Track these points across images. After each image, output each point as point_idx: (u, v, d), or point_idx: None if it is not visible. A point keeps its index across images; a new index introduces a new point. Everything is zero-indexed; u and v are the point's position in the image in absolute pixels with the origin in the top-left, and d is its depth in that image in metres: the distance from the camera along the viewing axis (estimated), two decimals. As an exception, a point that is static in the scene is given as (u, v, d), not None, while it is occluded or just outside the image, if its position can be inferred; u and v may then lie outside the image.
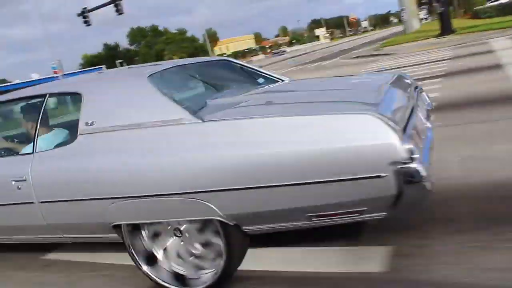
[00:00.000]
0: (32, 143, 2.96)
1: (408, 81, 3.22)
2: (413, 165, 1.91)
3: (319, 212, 2.17)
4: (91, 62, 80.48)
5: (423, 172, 1.92)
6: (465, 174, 3.60)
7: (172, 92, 2.73)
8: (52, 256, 3.65)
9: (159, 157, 2.36)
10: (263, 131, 2.17)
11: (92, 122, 2.61)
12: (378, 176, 1.92)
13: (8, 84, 50.53)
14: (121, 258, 2.96)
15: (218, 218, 2.28)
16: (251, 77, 3.80)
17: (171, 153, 2.34)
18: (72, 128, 2.86)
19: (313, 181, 2.04)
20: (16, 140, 3.57)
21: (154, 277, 2.61)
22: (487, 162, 3.78)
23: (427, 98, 3.29)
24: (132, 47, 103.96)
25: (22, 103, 3.43)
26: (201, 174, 2.23)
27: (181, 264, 2.59)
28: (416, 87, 3.16)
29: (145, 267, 2.62)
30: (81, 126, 2.64)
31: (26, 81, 49.94)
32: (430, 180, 2.00)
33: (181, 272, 2.58)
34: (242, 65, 4.01)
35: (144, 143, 2.43)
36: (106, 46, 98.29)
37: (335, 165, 2.00)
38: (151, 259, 2.62)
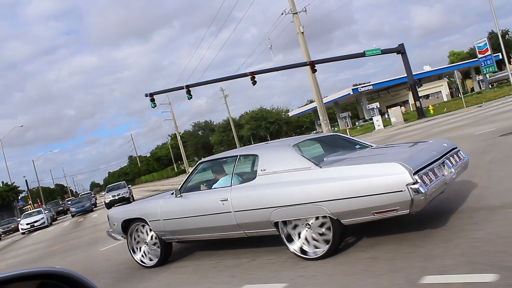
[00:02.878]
0: (231, 180, 5.37)
1: (446, 145, 5.24)
2: (415, 185, 3.95)
3: (377, 210, 4.19)
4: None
5: (422, 190, 3.96)
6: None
7: (305, 154, 5.14)
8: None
9: (299, 185, 4.62)
10: (345, 172, 4.39)
11: (265, 169, 5.02)
12: (401, 190, 3.99)
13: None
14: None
15: (328, 215, 4.46)
16: (351, 144, 5.95)
17: (305, 183, 4.58)
18: (253, 172, 5.33)
19: (373, 193, 4.12)
20: (216, 180, 5.84)
21: (282, 237, 4.88)
22: None
23: (462, 154, 5.43)
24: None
25: (228, 158, 6.03)
26: (319, 192, 4.45)
27: (306, 244, 4.76)
28: (453, 149, 5.27)
29: (282, 232, 4.89)
30: (258, 171, 5.07)
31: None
32: (428, 194, 4.05)
33: (305, 248, 4.76)
34: (346, 136, 6.43)
35: (291, 178, 4.72)
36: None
37: (384, 185, 4.08)
38: (290, 239, 4.87)
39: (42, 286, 1.41)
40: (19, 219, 35.89)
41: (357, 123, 59.33)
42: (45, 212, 32.88)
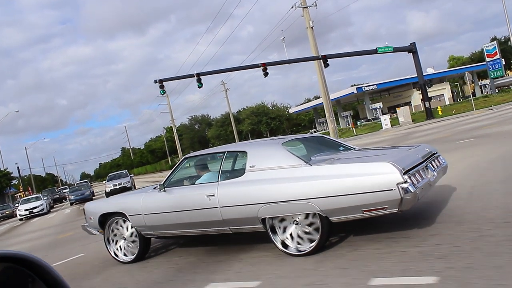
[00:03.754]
0: (217, 176, 5.32)
1: (427, 149, 5.32)
2: (405, 185, 4.00)
3: (366, 208, 4.21)
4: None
5: (412, 189, 4.01)
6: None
7: (294, 152, 5.10)
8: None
9: (289, 182, 4.60)
10: (336, 170, 4.47)
11: (254, 165, 4.98)
12: (391, 189, 4.03)
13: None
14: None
15: (318, 212, 4.44)
16: (335, 146, 6.10)
17: (295, 180, 4.57)
18: (241, 169, 5.24)
19: (363, 191, 4.16)
20: (201, 176, 5.84)
21: (269, 233, 4.85)
22: None
23: (442, 159, 5.51)
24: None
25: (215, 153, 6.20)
26: (310, 190, 4.43)
27: (289, 239, 4.74)
28: (434, 154, 5.37)
29: (270, 234, 4.85)
30: (247, 167, 5.03)
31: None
32: (417, 194, 4.10)
33: (287, 242, 4.76)
34: (330, 138, 6.54)
35: (281, 175, 4.71)
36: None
37: (375, 184, 4.11)
38: (274, 230, 4.84)
39: (2, 269, 1.36)
40: (16, 204, 34.86)
41: (358, 122, 58.66)
42: (44, 198, 31.84)
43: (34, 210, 29.18)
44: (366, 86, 55.63)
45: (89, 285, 5.75)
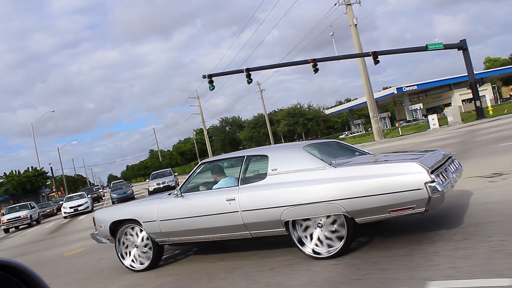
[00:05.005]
0: (237, 181, 5.35)
1: (444, 153, 5.35)
2: (433, 184, 4.05)
3: (393, 208, 4.24)
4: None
5: (440, 188, 4.07)
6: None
7: (316, 154, 5.13)
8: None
9: (313, 184, 4.61)
10: (359, 171, 4.52)
11: (276, 169, 4.99)
12: (419, 188, 4.07)
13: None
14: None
15: (343, 213, 4.47)
16: (351, 150, 6.05)
17: (319, 182, 4.59)
18: (263, 172, 5.24)
19: (390, 191, 4.20)
20: (218, 181, 5.77)
21: (293, 237, 4.86)
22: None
23: (457, 163, 5.57)
24: None
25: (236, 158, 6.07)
26: (335, 191, 4.47)
27: (307, 237, 4.80)
28: (450, 157, 5.42)
29: (293, 232, 4.86)
30: (269, 171, 5.04)
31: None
32: (444, 193, 4.14)
33: (303, 240, 4.83)
34: (345, 143, 6.51)
35: (305, 178, 4.71)
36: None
37: (403, 183, 4.16)
38: (294, 226, 4.85)
39: None
40: (61, 202, 34.77)
41: (396, 124, 57.24)
42: (88, 196, 31.53)
43: (79, 208, 28.67)
44: (407, 87, 54.11)
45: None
